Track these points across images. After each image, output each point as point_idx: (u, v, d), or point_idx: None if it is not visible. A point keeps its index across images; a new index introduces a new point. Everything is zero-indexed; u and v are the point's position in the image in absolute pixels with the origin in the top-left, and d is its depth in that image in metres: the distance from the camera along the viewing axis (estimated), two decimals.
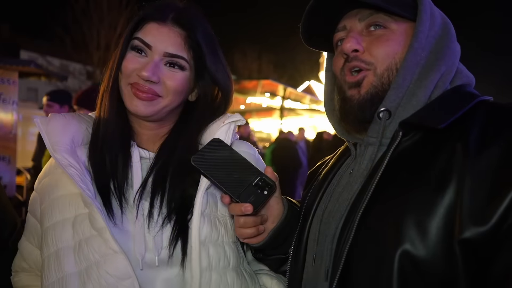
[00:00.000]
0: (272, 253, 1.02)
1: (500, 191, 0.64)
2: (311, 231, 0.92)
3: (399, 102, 0.82)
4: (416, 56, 0.81)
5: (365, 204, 0.76)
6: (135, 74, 0.95)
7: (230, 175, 0.91)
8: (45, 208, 0.97)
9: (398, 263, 0.69)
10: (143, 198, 0.96)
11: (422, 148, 0.76)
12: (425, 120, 0.77)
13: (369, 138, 0.86)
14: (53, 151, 0.94)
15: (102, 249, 0.88)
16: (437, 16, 0.87)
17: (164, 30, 0.97)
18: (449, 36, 0.86)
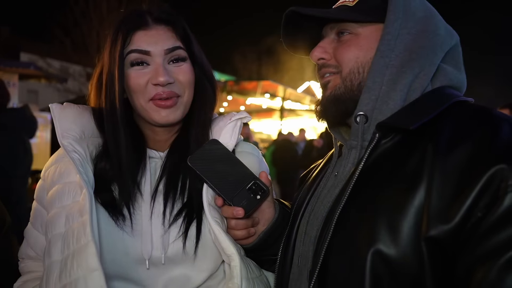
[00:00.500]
0: (263, 254, 1.04)
1: (464, 191, 0.65)
2: (299, 232, 0.93)
3: (373, 105, 0.84)
4: (384, 58, 0.83)
5: (342, 205, 0.78)
6: (150, 86, 0.96)
7: (225, 177, 0.92)
8: (51, 195, 0.99)
9: (370, 262, 0.70)
10: (156, 198, 0.98)
11: (399, 150, 0.78)
12: (398, 121, 0.78)
13: (351, 142, 0.89)
14: (61, 137, 0.97)
15: (80, 237, 0.87)
16: (416, 11, 0.86)
17: (152, 32, 0.98)
18: (426, 33, 0.85)
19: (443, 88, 0.86)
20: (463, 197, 0.65)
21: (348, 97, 0.87)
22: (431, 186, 0.68)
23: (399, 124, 0.77)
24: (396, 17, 0.84)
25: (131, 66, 0.98)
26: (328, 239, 0.78)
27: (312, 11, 0.88)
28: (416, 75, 0.84)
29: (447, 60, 0.88)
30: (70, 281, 0.84)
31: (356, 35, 0.87)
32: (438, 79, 0.87)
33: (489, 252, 0.62)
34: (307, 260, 0.86)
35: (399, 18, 0.84)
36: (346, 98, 0.87)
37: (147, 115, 1.00)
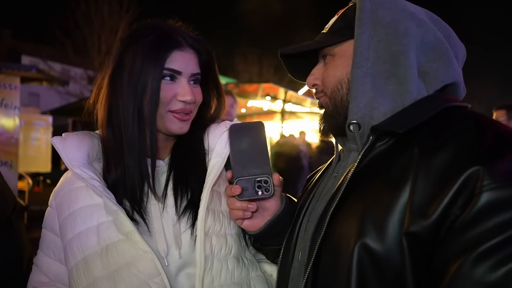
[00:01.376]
0: (268, 243, 1.10)
1: (443, 190, 0.69)
2: (301, 229, 0.99)
3: (364, 112, 0.88)
4: (361, 68, 0.87)
5: (335, 202, 0.82)
6: (175, 100, 1.06)
7: (246, 159, 0.97)
8: (65, 221, 1.05)
9: (357, 255, 0.73)
10: (166, 201, 1.07)
11: (390, 152, 0.82)
12: (389, 126, 0.82)
13: (350, 145, 0.95)
14: (72, 167, 1.03)
15: (132, 251, 0.97)
16: (383, 17, 0.88)
17: (186, 55, 1.09)
18: (396, 37, 0.87)
19: (437, 94, 0.88)
20: (442, 196, 0.68)
21: (336, 113, 0.94)
22: (415, 186, 0.72)
23: (390, 127, 0.82)
24: (364, 30, 0.88)
25: (162, 78, 1.06)
26: (322, 235, 0.82)
27: (290, 50, 1.00)
28: (397, 82, 0.87)
29: (430, 58, 0.89)
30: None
31: (334, 56, 0.95)
32: (428, 82, 0.89)
33: (463, 247, 0.65)
34: (305, 256, 0.90)
35: (367, 29, 0.88)
36: (334, 114, 0.94)
37: (163, 123, 1.08)
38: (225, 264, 1.04)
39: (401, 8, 0.91)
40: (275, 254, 1.12)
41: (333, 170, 1.01)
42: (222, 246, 1.05)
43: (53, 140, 1.08)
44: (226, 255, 1.06)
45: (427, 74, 0.89)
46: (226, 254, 1.06)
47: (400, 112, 0.86)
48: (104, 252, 0.98)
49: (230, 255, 1.07)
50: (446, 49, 0.90)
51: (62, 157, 1.04)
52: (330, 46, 0.95)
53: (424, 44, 0.89)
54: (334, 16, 0.99)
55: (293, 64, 1.08)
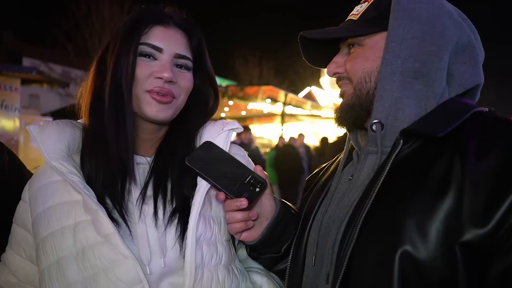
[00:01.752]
0: (266, 252, 1.05)
1: (499, 195, 0.67)
2: (311, 235, 0.94)
3: (388, 112, 0.85)
4: (390, 65, 0.84)
5: (367, 209, 0.78)
6: (152, 78, 0.97)
7: (223, 174, 0.96)
8: (39, 217, 0.95)
9: (398, 264, 0.70)
10: (145, 202, 0.97)
11: (422, 156, 0.79)
12: (425, 128, 0.79)
13: (369, 148, 0.90)
14: (50, 159, 0.93)
15: (111, 255, 0.88)
16: (421, 12, 0.85)
17: (171, 32, 1.01)
18: (432, 36, 0.84)
19: (459, 98, 0.86)
20: (498, 202, 0.66)
21: (359, 105, 0.90)
22: (462, 192, 0.70)
23: (426, 131, 0.79)
24: (399, 23, 0.84)
25: (140, 55, 0.98)
26: (353, 242, 0.78)
27: (317, 34, 0.93)
28: (425, 83, 0.84)
29: (459, 60, 0.87)
30: None
31: (363, 46, 0.90)
32: (452, 85, 0.87)
33: None
34: (324, 263, 0.87)
35: (403, 23, 0.84)
36: (357, 106, 0.90)
37: (139, 106, 0.98)
38: (216, 275, 0.96)
39: (439, 5, 0.87)
40: (273, 262, 1.08)
41: (341, 171, 0.97)
42: (212, 255, 0.97)
43: (30, 128, 0.97)
44: (217, 265, 0.97)
45: (452, 77, 0.87)
46: (216, 263, 0.97)
47: (429, 115, 0.83)
48: (80, 255, 0.89)
49: (221, 264, 0.98)
50: (476, 52, 0.88)
51: (39, 147, 0.94)
52: (360, 36, 0.90)
53: (458, 45, 0.86)
54: (363, 3, 0.94)
55: (311, 48, 1.01)
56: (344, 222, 0.85)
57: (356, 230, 0.78)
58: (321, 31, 0.94)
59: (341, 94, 0.97)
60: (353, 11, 0.95)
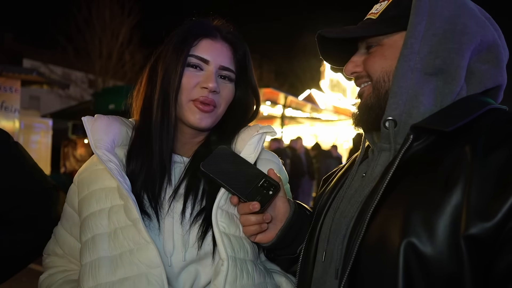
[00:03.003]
0: (281, 253, 1.07)
1: (506, 189, 0.67)
2: (322, 230, 0.95)
3: (402, 110, 0.84)
4: (408, 62, 0.83)
5: (375, 204, 0.78)
6: (198, 88, 1.05)
7: (237, 178, 0.99)
8: (84, 199, 1.07)
9: (403, 254, 0.70)
10: (176, 200, 1.05)
11: (432, 151, 0.79)
12: (434, 124, 0.79)
13: (382, 144, 0.90)
14: (95, 148, 1.03)
15: (136, 238, 0.97)
16: (443, 10, 0.84)
17: (218, 45, 1.09)
18: (453, 34, 0.83)
19: (477, 95, 0.85)
20: (504, 197, 0.66)
21: (377, 105, 0.89)
22: (470, 186, 0.69)
23: (435, 126, 0.78)
24: (420, 19, 0.83)
25: (187, 66, 1.06)
26: (361, 237, 0.78)
27: (336, 33, 0.92)
28: (444, 80, 0.83)
29: (483, 59, 0.86)
30: (130, 276, 0.95)
31: (382, 46, 0.89)
32: (471, 83, 0.86)
33: None
34: (334, 258, 0.87)
35: (423, 20, 0.83)
36: (375, 106, 0.89)
37: (183, 113, 1.06)
38: (245, 266, 1.01)
39: (461, 3, 0.86)
40: (289, 263, 1.09)
41: (357, 169, 0.98)
42: (240, 248, 1.02)
43: (84, 119, 1.09)
44: (245, 257, 1.03)
45: (472, 75, 0.86)
46: (244, 256, 1.03)
47: (441, 111, 0.82)
48: (112, 235, 0.99)
49: (248, 257, 1.04)
50: (499, 51, 0.87)
51: (88, 136, 1.06)
52: (380, 35, 0.89)
53: (483, 44, 0.85)
54: (382, 1, 0.93)
55: (328, 46, 1.01)
56: (354, 218, 0.85)
57: (364, 224, 0.78)
58: (340, 30, 0.93)
59: (359, 94, 0.96)
60: (372, 10, 0.94)
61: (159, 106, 1.06)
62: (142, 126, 1.10)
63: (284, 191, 1.03)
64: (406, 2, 0.87)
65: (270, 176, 1.01)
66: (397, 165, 0.79)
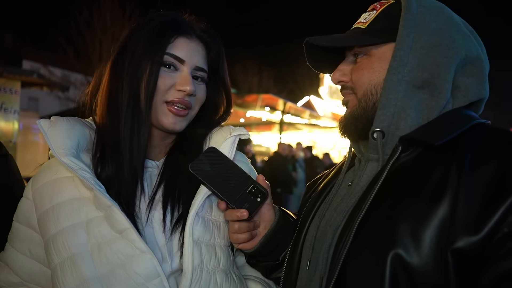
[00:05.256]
0: (264, 260, 1.06)
1: (493, 204, 0.67)
2: (307, 238, 0.94)
3: (390, 121, 0.85)
4: (396, 74, 0.84)
5: (362, 214, 0.79)
6: (173, 90, 0.99)
7: (226, 182, 0.96)
8: (46, 215, 0.95)
9: (390, 266, 0.71)
10: (153, 208, 0.98)
11: (420, 163, 0.80)
12: (423, 136, 0.80)
13: (369, 155, 0.91)
14: (59, 155, 0.92)
15: (128, 250, 0.89)
16: (430, 23, 0.85)
17: (193, 45, 1.03)
18: (441, 47, 0.84)
19: (462, 109, 0.87)
20: (491, 211, 0.67)
21: (364, 117, 0.90)
22: (457, 200, 0.70)
23: (424, 138, 0.79)
24: (409, 32, 0.84)
25: (162, 65, 0.99)
26: (348, 246, 0.78)
27: (324, 41, 0.92)
28: (431, 93, 0.85)
29: (467, 73, 0.88)
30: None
31: (370, 56, 0.89)
32: (457, 97, 0.88)
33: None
34: (318, 267, 0.87)
35: (412, 32, 0.84)
36: (362, 117, 0.90)
37: (156, 115, 1.00)
38: (214, 277, 0.96)
39: (448, 17, 0.87)
40: (271, 270, 1.09)
41: (343, 177, 0.98)
42: (211, 257, 0.97)
43: (40, 122, 0.96)
44: (215, 268, 0.98)
45: (457, 89, 0.87)
46: (214, 266, 0.98)
47: (429, 124, 0.84)
48: (96, 251, 0.90)
49: (219, 267, 0.99)
50: (483, 65, 0.89)
51: (48, 143, 0.93)
52: (368, 46, 0.89)
53: (467, 58, 0.87)
54: (371, 11, 0.93)
55: (315, 53, 1.00)
56: (340, 227, 0.85)
57: (351, 234, 0.79)
58: (327, 38, 0.93)
59: (344, 102, 0.96)
60: (361, 19, 0.95)
61: (129, 108, 0.96)
62: (109, 129, 0.99)
63: (270, 198, 1.02)
64: (394, 14, 0.88)
65: (259, 182, 0.99)
66: (385, 175, 0.80)
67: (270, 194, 1.02)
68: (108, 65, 1.04)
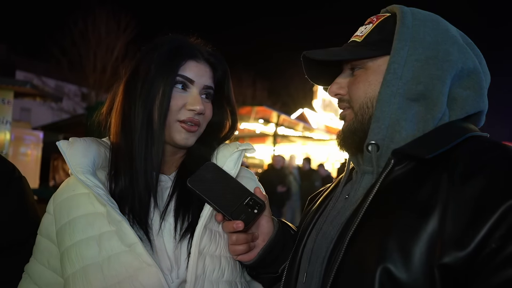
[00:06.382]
0: (263, 272, 1.06)
1: (480, 219, 0.66)
2: (305, 251, 0.94)
3: (384, 134, 0.85)
4: (391, 87, 0.84)
5: (354, 227, 0.78)
6: (185, 110, 1.05)
7: (223, 195, 0.98)
8: (64, 228, 1.01)
9: (379, 281, 0.70)
10: (165, 219, 1.03)
11: (412, 177, 0.79)
12: (414, 150, 0.80)
13: (365, 167, 0.90)
14: (76, 173, 0.99)
15: (135, 263, 0.94)
16: (425, 36, 0.86)
17: (202, 66, 1.10)
18: (436, 60, 0.84)
19: (459, 122, 0.86)
20: (478, 226, 0.66)
21: (361, 130, 0.90)
22: (445, 214, 0.69)
23: (415, 152, 0.79)
24: (403, 45, 0.84)
25: (173, 86, 1.05)
26: (340, 259, 0.78)
27: (319, 54, 0.93)
28: (426, 106, 0.85)
29: (463, 85, 0.87)
30: None
31: (366, 69, 0.89)
32: (453, 109, 0.87)
33: (503, 283, 0.63)
34: (314, 280, 0.87)
35: (406, 45, 0.84)
36: (359, 130, 0.90)
37: (170, 133, 1.06)
38: (216, 287, 1.00)
39: (444, 30, 0.87)
40: (271, 282, 1.09)
41: (341, 191, 0.98)
42: (215, 268, 1.01)
43: (60, 143, 1.04)
44: (218, 278, 1.01)
45: (454, 101, 0.87)
46: (218, 277, 1.01)
47: (423, 137, 0.83)
48: (106, 264, 0.95)
49: (223, 278, 1.02)
50: (480, 78, 0.88)
51: (67, 161, 1.01)
52: (364, 59, 0.90)
53: (463, 71, 0.87)
54: (367, 24, 0.94)
55: (313, 66, 1.01)
56: (333, 240, 0.85)
57: (343, 248, 0.78)
58: (324, 52, 0.93)
59: (341, 117, 0.97)
60: (357, 32, 0.95)
61: (143, 127, 1.03)
62: (123, 148, 1.06)
63: (269, 210, 1.03)
64: (389, 27, 0.88)
65: (256, 194, 1.00)
66: (378, 189, 0.80)
67: (268, 207, 1.02)
68: (121, 86, 1.10)
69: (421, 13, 0.89)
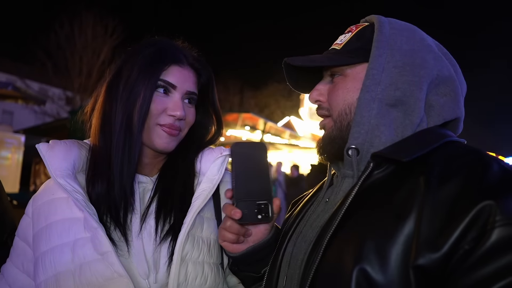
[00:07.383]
0: (246, 269, 1.05)
1: (453, 221, 0.68)
2: (285, 255, 0.95)
3: (364, 139, 0.87)
4: (370, 92, 0.86)
5: (332, 230, 0.79)
6: (165, 114, 1.04)
7: (249, 180, 0.93)
8: (41, 232, 1.00)
9: (355, 282, 0.70)
10: (146, 221, 1.02)
11: (390, 180, 0.81)
12: (392, 154, 0.81)
13: (345, 171, 0.92)
14: (56, 177, 0.97)
15: (106, 273, 0.92)
16: (402, 44, 0.89)
17: (185, 72, 1.09)
18: (412, 67, 0.87)
19: (436, 128, 0.88)
20: (451, 228, 0.67)
21: (340, 137, 0.91)
22: (421, 217, 0.70)
23: (393, 156, 0.80)
24: (381, 52, 0.87)
25: (154, 90, 1.04)
26: (317, 263, 0.78)
27: (300, 61, 0.94)
28: (404, 111, 0.87)
29: (440, 92, 0.90)
30: None
31: (345, 76, 0.91)
32: (431, 115, 0.89)
33: (475, 284, 0.64)
34: (293, 282, 0.87)
35: (384, 52, 0.87)
36: (338, 138, 0.91)
37: (149, 136, 1.05)
38: None
39: (420, 39, 0.90)
40: (252, 282, 1.08)
41: (323, 195, 0.99)
42: (197, 275, 1.00)
43: (39, 146, 1.03)
44: (201, 285, 1.00)
45: (431, 108, 0.89)
46: (201, 284, 1.00)
47: (401, 142, 0.85)
48: (78, 271, 0.92)
49: (205, 285, 1.01)
50: (456, 85, 0.91)
51: (46, 165, 1.00)
52: (343, 66, 0.92)
53: (439, 78, 0.89)
54: (347, 33, 0.97)
55: (295, 73, 1.03)
56: (312, 243, 0.86)
57: (320, 250, 0.79)
58: (305, 58, 0.95)
59: (321, 126, 0.98)
60: (337, 40, 0.98)
61: (121, 128, 1.02)
62: (101, 148, 1.05)
63: (273, 223, 1.01)
64: (368, 36, 0.91)
65: (273, 204, 0.95)
66: (356, 192, 0.81)
67: (273, 221, 0.99)
68: (103, 86, 1.09)
69: (398, 23, 0.93)
